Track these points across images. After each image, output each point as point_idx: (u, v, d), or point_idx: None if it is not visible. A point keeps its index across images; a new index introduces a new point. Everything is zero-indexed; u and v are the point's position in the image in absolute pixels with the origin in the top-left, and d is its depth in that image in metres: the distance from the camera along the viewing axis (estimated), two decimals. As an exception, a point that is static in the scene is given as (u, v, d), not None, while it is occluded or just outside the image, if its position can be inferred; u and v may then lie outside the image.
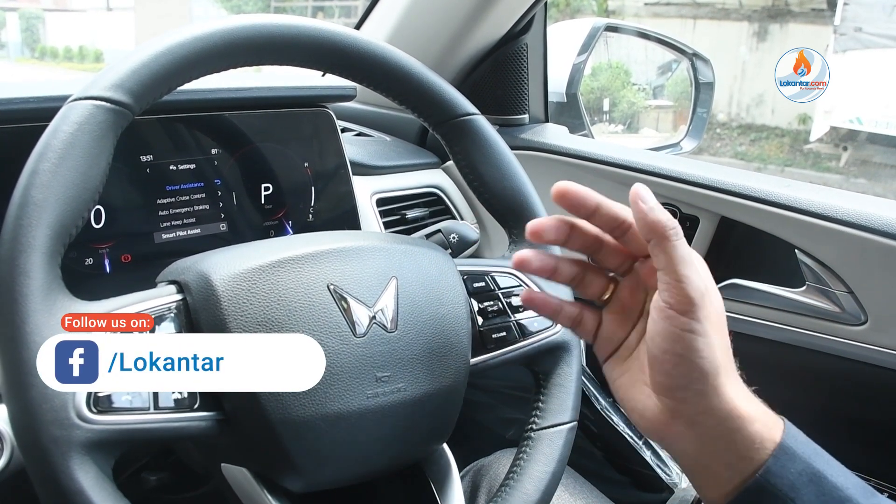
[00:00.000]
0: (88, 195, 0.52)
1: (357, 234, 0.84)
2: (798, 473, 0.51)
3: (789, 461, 0.51)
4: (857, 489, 0.52)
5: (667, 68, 1.89)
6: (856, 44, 5.17)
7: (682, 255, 0.51)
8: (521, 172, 0.73)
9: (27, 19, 12.94)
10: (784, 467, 0.51)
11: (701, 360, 0.51)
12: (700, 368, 0.51)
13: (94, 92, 0.53)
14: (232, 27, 0.59)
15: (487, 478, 0.88)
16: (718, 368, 0.51)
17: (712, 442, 0.52)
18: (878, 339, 0.95)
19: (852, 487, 0.52)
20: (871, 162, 5.73)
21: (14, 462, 0.62)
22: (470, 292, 0.68)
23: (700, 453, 0.54)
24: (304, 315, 0.56)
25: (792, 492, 0.50)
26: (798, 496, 0.50)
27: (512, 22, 1.18)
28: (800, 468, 0.51)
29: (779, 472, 0.51)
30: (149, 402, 0.51)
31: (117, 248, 0.77)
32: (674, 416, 0.53)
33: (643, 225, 0.52)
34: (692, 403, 0.52)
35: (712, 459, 0.53)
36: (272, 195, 0.89)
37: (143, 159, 0.79)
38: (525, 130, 1.23)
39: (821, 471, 0.52)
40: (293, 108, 0.92)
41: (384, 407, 0.58)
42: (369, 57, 0.67)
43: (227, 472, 0.59)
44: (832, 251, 0.96)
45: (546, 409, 0.69)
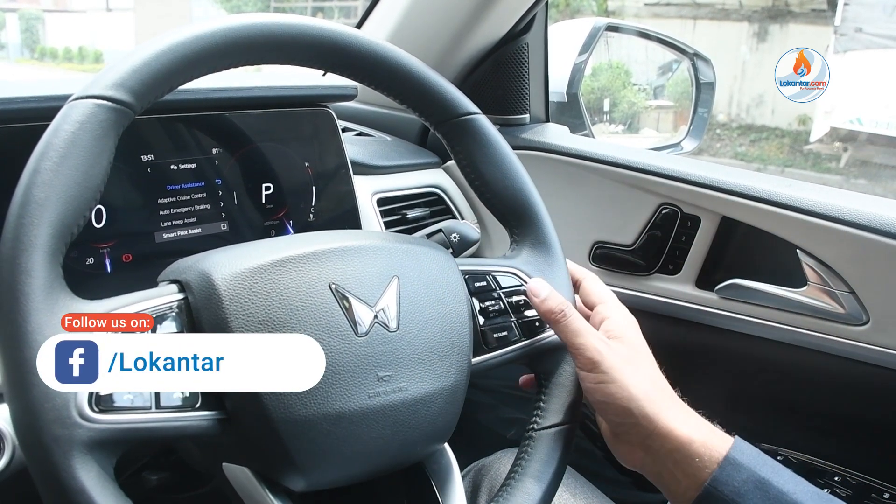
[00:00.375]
0: (90, 194, 0.52)
1: (359, 233, 0.84)
2: (743, 481, 0.59)
3: (735, 471, 0.59)
4: (808, 495, 0.59)
5: (667, 68, 1.89)
6: (856, 44, 5.18)
7: (574, 329, 0.65)
8: (522, 172, 0.73)
9: (27, 20, 12.94)
10: (730, 476, 0.59)
11: (620, 402, 0.62)
12: (623, 409, 0.62)
13: (95, 91, 0.53)
14: (233, 26, 0.59)
15: (488, 478, 0.88)
16: (642, 402, 0.62)
17: (659, 459, 0.62)
18: (879, 340, 0.94)
19: (801, 493, 0.59)
20: (871, 162, 5.73)
21: (16, 461, 0.63)
22: (471, 292, 0.68)
23: (652, 468, 0.64)
24: (305, 314, 0.56)
25: (738, 497, 0.58)
26: (744, 501, 0.58)
27: (513, 22, 1.18)
28: (745, 476, 0.59)
29: (725, 480, 0.59)
30: (150, 401, 0.51)
31: (118, 247, 0.77)
32: (621, 440, 0.65)
33: (540, 313, 0.67)
34: (632, 433, 0.63)
35: (664, 472, 0.63)
36: (273, 195, 0.89)
37: (143, 159, 0.79)
38: (526, 130, 1.23)
39: (766, 478, 0.59)
40: (294, 108, 0.92)
41: (386, 406, 0.58)
42: (370, 56, 0.66)
43: (228, 471, 0.59)
44: (834, 251, 0.96)
45: (547, 409, 0.69)
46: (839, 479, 1.02)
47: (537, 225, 0.73)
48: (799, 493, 0.59)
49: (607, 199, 1.13)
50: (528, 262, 0.72)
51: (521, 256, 0.72)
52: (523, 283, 0.70)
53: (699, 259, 1.07)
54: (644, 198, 1.10)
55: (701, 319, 1.07)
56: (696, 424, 0.63)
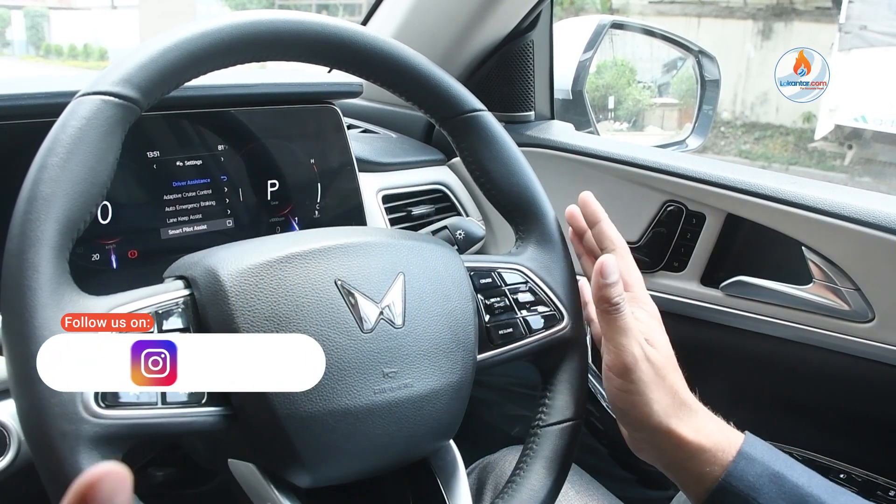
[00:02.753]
0: (97, 190, 0.52)
1: (364, 229, 0.84)
2: (758, 475, 0.59)
3: (749, 465, 0.60)
4: (822, 488, 0.60)
5: (672, 66, 1.89)
6: (861, 42, 5.16)
7: (621, 326, 0.62)
8: (528, 169, 0.73)
9: (32, 17, 12.95)
10: (744, 471, 0.60)
11: (640, 413, 0.62)
12: (640, 418, 0.62)
13: (102, 87, 0.53)
14: (240, 23, 0.59)
15: (494, 474, 0.88)
16: (660, 417, 0.62)
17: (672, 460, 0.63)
18: (884, 337, 0.94)
19: (816, 486, 0.60)
20: (875, 160, 5.72)
21: (21, 457, 0.63)
22: (477, 288, 0.68)
23: (666, 466, 0.64)
24: (311, 310, 0.56)
25: (752, 491, 0.59)
26: (759, 494, 0.59)
27: (518, 19, 1.17)
28: (759, 471, 0.60)
29: (739, 475, 0.60)
30: (156, 397, 0.51)
31: (124, 244, 0.77)
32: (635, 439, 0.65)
33: (597, 293, 0.63)
34: (646, 440, 0.64)
35: (677, 470, 0.63)
36: (278, 191, 0.89)
37: (149, 155, 0.79)
38: (531, 127, 1.23)
39: (780, 472, 0.60)
40: (299, 105, 0.92)
41: (391, 403, 0.58)
42: (376, 53, 0.66)
43: (233, 467, 0.59)
44: (839, 248, 0.96)
45: (552, 406, 0.69)
46: (844, 476, 1.02)
47: (543, 222, 0.73)
48: (813, 486, 0.59)
49: (612, 196, 1.12)
50: (533, 258, 0.72)
51: (526, 253, 0.72)
52: (529, 280, 0.70)
53: (704, 256, 1.07)
54: (649, 195, 1.09)
55: (706, 317, 1.07)
56: (708, 433, 0.63)
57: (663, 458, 0.64)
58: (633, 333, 0.63)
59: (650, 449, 0.65)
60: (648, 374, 0.62)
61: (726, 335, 1.07)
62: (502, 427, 1.35)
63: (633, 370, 0.62)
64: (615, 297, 0.63)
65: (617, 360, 0.62)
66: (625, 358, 0.62)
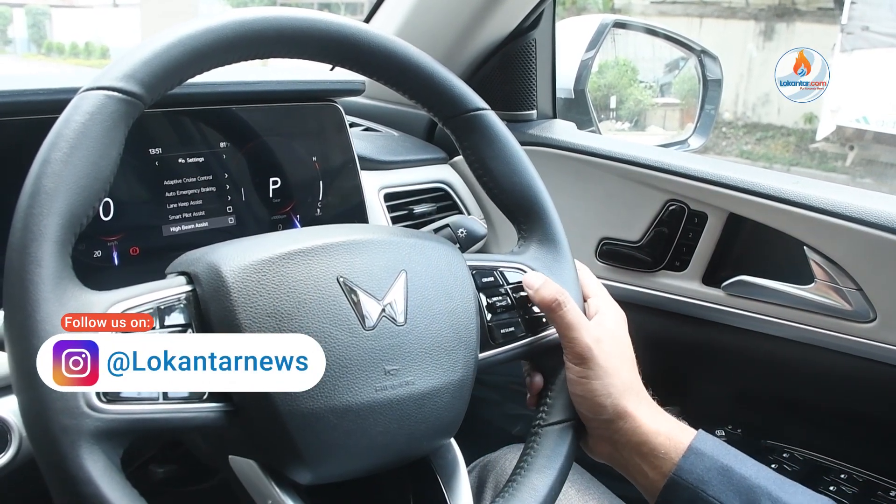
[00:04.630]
0: (99, 185, 0.52)
1: (367, 227, 0.84)
2: (706, 469, 0.63)
3: (698, 459, 0.63)
4: (769, 480, 0.63)
5: (674, 66, 1.88)
6: (863, 43, 5.16)
7: (569, 322, 0.66)
8: (530, 168, 0.73)
9: (34, 15, 12.96)
10: (693, 464, 0.63)
11: (600, 398, 0.65)
12: (599, 405, 0.65)
13: (105, 82, 0.53)
14: (243, 19, 0.59)
15: (494, 473, 0.88)
16: (617, 399, 0.65)
17: (626, 452, 0.66)
18: (886, 337, 0.94)
19: (763, 479, 0.63)
20: (877, 161, 5.71)
21: (23, 452, 0.63)
22: (478, 287, 0.68)
23: (619, 460, 0.67)
24: (313, 307, 0.56)
25: (701, 484, 0.62)
26: (707, 487, 0.62)
27: (520, 18, 1.18)
28: (708, 464, 0.63)
29: (688, 468, 0.63)
30: (158, 392, 0.51)
31: (126, 240, 0.77)
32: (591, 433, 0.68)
33: (536, 303, 0.68)
34: (603, 428, 0.67)
35: (630, 464, 0.66)
36: (280, 189, 0.89)
37: (151, 152, 0.79)
38: (533, 126, 1.23)
39: (729, 465, 0.63)
40: (302, 103, 0.92)
41: (392, 400, 0.58)
42: (379, 51, 0.66)
43: (234, 464, 0.59)
44: (841, 248, 0.96)
45: (553, 406, 0.69)
46: (845, 476, 1.02)
47: (545, 221, 0.73)
48: (761, 479, 0.63)
49: (614, 195, 1.13)
50: (535, 258, 0.72)
51: (528, 252, 0.72)
52: (531, 279, 0.70)
53: (706, 256, 1.07)
54: (651, 194, 1.09)
55: (708, 316, 1.07)
56: (663, 420, 0.67)
57: (618, 452, 0.67)
58: (582, 325, 0.66)
59: (606, 441, 0.67)
60: (605, 362, 0.65)
61: (728, 335, 1.07)
62: (503, 426, 1.35)
63: (589, 358, 0.65)
64: (549, 297, 0.67)
65: (572, 352, 0.66)
66: (578, 348, 0.66)
